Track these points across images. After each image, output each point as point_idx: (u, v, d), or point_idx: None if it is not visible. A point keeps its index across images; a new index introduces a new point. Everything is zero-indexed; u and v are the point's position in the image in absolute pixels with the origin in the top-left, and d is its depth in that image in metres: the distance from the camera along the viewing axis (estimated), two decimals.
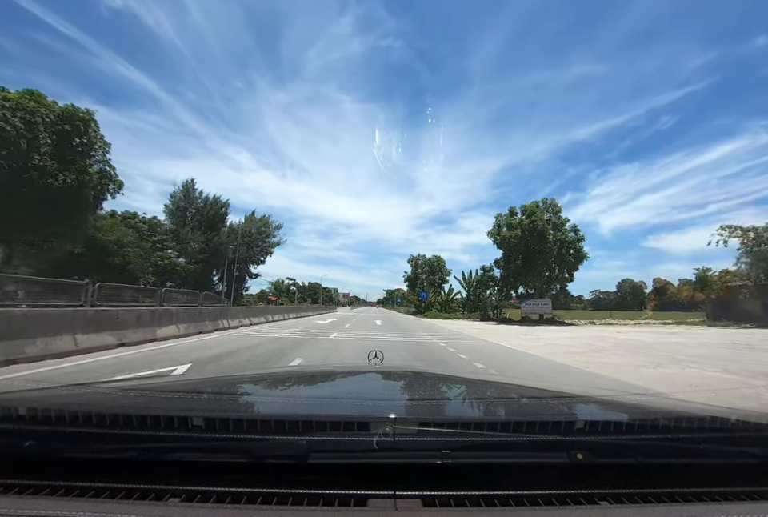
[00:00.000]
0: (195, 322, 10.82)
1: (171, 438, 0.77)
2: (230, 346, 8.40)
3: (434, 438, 0.78)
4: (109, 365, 5.69)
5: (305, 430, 0.78)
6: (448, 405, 1.31)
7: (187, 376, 3.82)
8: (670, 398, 1.64)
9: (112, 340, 7.23)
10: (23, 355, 5.38)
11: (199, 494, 0.67)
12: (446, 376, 2.09)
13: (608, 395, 1.45)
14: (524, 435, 0.81)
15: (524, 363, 7.42)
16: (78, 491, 0.67)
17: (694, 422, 0.91)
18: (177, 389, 1.35)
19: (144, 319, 8.45)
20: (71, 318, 6.57)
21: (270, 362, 6.66)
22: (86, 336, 6.71)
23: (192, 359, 6.38)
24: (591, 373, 6.25)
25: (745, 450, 0.81)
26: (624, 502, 0.68)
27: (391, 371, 2.06)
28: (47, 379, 4.56)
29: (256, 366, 5.93)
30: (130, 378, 4.37)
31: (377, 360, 2.27)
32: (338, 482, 0.70)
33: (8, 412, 0.82)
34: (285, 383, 1.67)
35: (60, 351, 6.00)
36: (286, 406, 1.22)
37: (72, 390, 1.31)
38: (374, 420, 0.82)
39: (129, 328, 7.86)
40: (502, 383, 2.02)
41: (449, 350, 9.17)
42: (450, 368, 6.10)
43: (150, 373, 5.10)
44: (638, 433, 0.87)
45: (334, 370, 2.33)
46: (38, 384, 3.95)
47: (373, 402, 1.19)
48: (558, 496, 0.69)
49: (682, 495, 0.70)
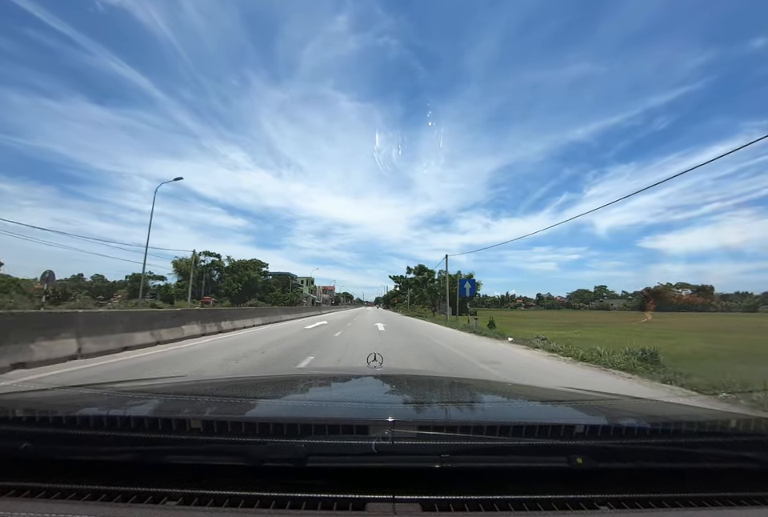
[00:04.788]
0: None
1: (169, 441, 0.76)
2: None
3: (433, 441, 0.77)
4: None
5: (303, 434, 0.78)
6: (447, 408, 1.30)
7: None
8: (670, 402, 1.68)
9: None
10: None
11: (197, 497, 0.66)
12: (446, 379, 2.07)
13: (608, 399, 1.47)
14: (524, 439, 0.80)
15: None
16: (75, 494, 0.66)
17: (694, 426, 0.90)
18: (175, 391, 1.34)
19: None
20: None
21: None
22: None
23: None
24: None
25: (744, 454, 0.81)
26: (624, 507, 0.68)
27: (390, 374, 2.06)
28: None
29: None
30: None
31: (376, 363, 2.26)
32: (337, 486, 0.70)
33: (5, 414, 0.82)
34: (284, 386, 1.66)
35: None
36: (284, 409, 1.21)
37: (70, 391, 1.31)
38: (373, 424, 0.82)
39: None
40: (502, 386, 1.99)
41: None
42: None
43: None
44: (638, 437, 0.87)
45: (334, 374, 2.30)
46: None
47: (372, 406, 1.18)
48: (558, 501, 0.68)
49: (682, 500, 0.70)
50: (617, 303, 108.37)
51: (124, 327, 7.62)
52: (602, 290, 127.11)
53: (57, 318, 6.41)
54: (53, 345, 5.93)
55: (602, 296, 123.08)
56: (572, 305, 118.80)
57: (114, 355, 6.83)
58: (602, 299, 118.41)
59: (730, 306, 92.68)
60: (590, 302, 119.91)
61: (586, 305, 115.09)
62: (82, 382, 3.32)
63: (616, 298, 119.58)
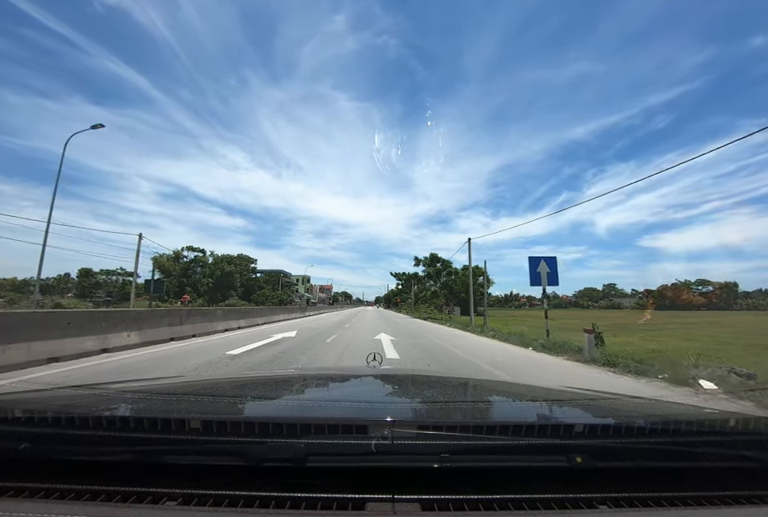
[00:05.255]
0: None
1: (168, 441, 0.76)
2: None
3: (433, 441, 0.77)
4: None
5: (303, 433, 0.78)
6: (447, 408, 1.28)
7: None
8: (670, 401, 1.55)
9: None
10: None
11: (196, 497, 0.67)
12: (445, 378, 2.08)
13: (607, 398, 1.46)
14: (523, 439, 0.80)
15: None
16: (74, 494, 0.67)
17: (693, 425, 0.90)
18: (174, 391, 1.34)
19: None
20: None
21: None
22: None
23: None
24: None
25: (743, 453, 0.81)
26: (623, 507, 0.68)
27: (390, 374, 2.07)
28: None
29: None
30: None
31: (375, 363, 2.27)
32: (336, 486, 0.70)
33: (4, 414, 0.82)
34: (283, 386, 1.66)
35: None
36: (283, 408, 1.21)
37: (69, 392, 1.30)
38: (373, 423, 0.82)
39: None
40: (502, 385, 2.03)
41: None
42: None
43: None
44: (637, 436, 0.87)
45: (333, 373, 2.33)
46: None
47: (371, 405, 1.18)
48: (557, 500, 0.69)
49: (681, 499, 0.70)
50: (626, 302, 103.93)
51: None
52: (611, 289, 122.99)
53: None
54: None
55: (612, 294, 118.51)
56: (580, 304, 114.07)
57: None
58: (612, 298, 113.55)
59: (756, 304, 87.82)
60: (598, 300, 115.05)
61: (595, 304, 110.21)
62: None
63: (625, 296, 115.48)
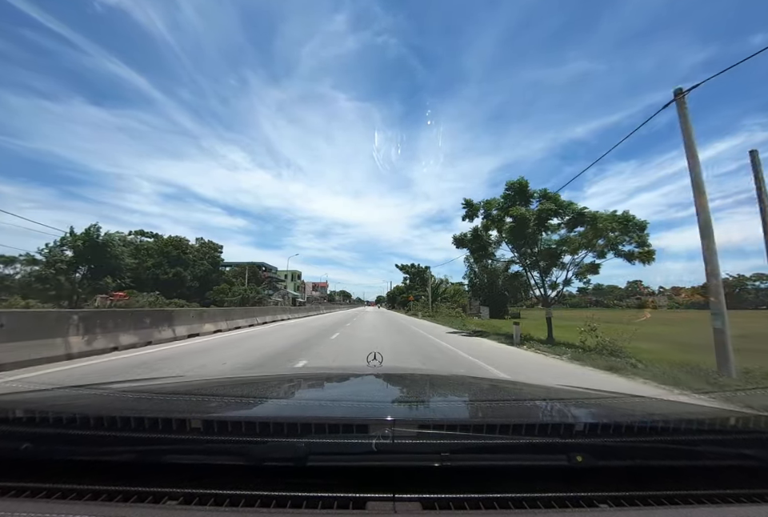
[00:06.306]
0: None
1: (169, 441, 0.76)
2: None
3: (433, 440, 0.77)
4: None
5: (303, 433, 0.78)
6: (447, 407, 1.30)
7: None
8: (670, 399, 1.60)
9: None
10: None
11: (197, 496, 0.67)
12: (445, 377, 2.09)
13: (608, 397, 1.46)
14: (523, 438, 0.81)
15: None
16: (76, 494, 0.67)
17: (693, 424, 0.90)
18: (175, 391, 1.34)
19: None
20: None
21: None
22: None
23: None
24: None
25: (744, 452, 0.81)
26: (624, 505, 0.69)
27: (390, 373, 2.07)
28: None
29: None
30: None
31: (376, 362, 2.26)
32: (337, 485, 0.71)
33: (5, 414, 0.82)
34: (284, 385, 1.66)
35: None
36: (284, 408, 1.21)
37: (70, 392, 1.30)
38: (373, 422, 0.83)
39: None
40: (502, 384, 2.05)
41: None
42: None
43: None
44: (638, 435, 0.87)
45: (333, 373, 2.33)
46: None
47: (372, 405, 1.18)
48: (558, 499, 0.69)
49: (681, 498, 0.70)
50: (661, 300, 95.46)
51: None
52: (637, 286, 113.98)
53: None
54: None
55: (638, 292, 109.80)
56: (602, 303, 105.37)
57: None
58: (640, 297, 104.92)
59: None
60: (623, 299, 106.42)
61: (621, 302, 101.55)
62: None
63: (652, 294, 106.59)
